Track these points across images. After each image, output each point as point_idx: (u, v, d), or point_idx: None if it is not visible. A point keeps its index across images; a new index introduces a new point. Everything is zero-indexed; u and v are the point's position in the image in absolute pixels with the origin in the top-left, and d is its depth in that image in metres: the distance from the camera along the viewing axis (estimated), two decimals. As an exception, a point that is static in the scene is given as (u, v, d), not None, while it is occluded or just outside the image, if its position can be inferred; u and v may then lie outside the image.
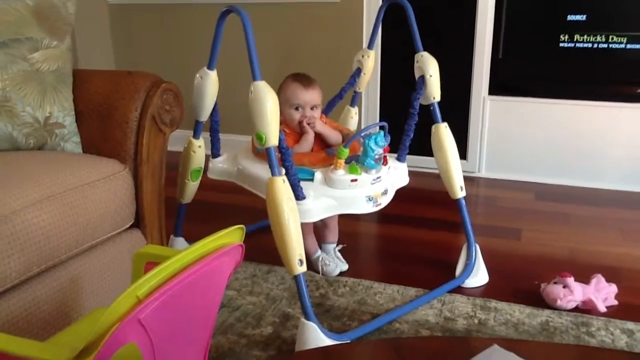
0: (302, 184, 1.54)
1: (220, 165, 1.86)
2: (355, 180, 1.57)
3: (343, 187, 1.57)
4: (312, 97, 1.75)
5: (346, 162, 1.58)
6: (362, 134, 1.60)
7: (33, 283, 1.26)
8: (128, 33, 3.43)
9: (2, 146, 1.51)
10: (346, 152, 1.56)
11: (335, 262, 1.90)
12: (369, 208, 1.61)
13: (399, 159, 1.84)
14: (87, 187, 1.37)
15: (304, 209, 1.53)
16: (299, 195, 1.52)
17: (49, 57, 1.57)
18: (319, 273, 1.88)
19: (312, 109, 1.76)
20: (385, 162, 1.64)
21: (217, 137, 1.87)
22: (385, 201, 1.66)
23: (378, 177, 1.61)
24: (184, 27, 3.27)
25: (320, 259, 1.89)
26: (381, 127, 1.59)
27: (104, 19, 3.43)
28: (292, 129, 1.78)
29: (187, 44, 3.27)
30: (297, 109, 1.75)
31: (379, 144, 1.56)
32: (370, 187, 1.60)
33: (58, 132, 1.56)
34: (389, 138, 1.60)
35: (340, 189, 1.58)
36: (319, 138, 1.78)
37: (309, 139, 1.74)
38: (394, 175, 1.75)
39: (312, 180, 1.59)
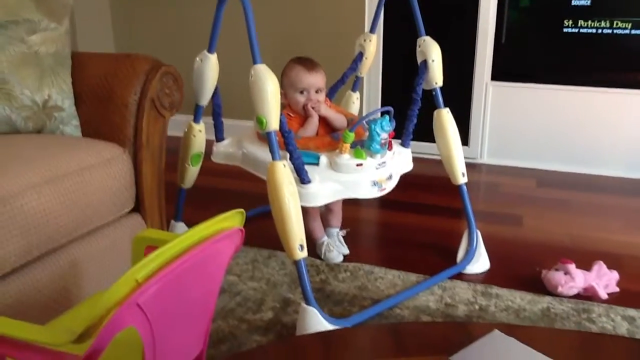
0: (308, 167, 1.53)
1: (224, 149, 1.85)
2: (361, 164, 1.57)
3: (348, 171, 1.57)
4: (316, 80, 1.74)
5: (351, 147, 1.58)
6: (367, 119, 1.60)
7: (33, 267, 1.25)
8: (128, 16, 3.40)
9: (0, 129, 1.50)
10: (352, 136, 1.56)
11: (338, 249, 1.90)
12: (374, 193, 1.60)
13: (403, 144, 1.83)
14: (87, 170, 1.36)
15: (309, 192, 1.52)
16: (304, 179, 1.51)
17: (47, 40, 1.55)
18: (321, 258, 1.88)
19: (316, 92, 1.75)
20: (390, 147, 1.64)
21: (220, 121, 1.86)
22: (390, 186, 1.65)
23: (383, 162, 1.61)
24: (184, 10, 3.24)
25: (325, 244, 1.89)
26: (386, 112, 1.58)
27: (104, 2, 3.40)
28: (297, 112, 1.77)
29: (187, 27, 3.25)
30: (301, 92, 1.74)
31: (384, 129, 1.55)
32: (375, 172, 1.59)
33: (57, 115, 1.54)
34: (394, 123, 1.59)
35: (345, 173, 1.57)
36: (324, 122, 1.77)
37: (314, 122, 1.74)
38: (399, 160, 1.74)
39: (317, 164, 1.58)
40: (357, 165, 1.57)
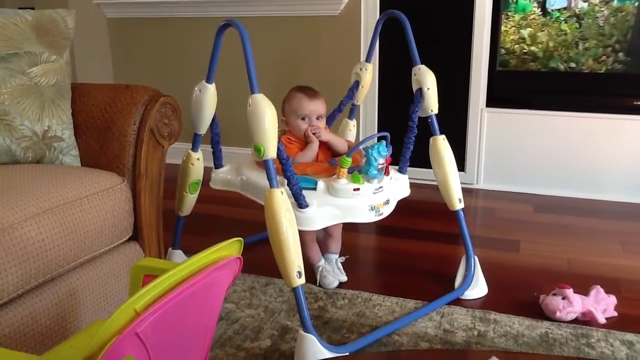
0: (305, 192, 1.55)
1: (222, 176, 1.87)
2: (358, 189, 1.58)
3: (346, 196, 1.58)
4: (317, 107, 1.79)
5: (349, 172, 1.60)
6: (364, 144, 1.62)
7: (31, 296, 1.25)
8: (126, 47, 3.45)
9: (0, 159, 1.51)
10: (349, 161, 1.58)
11: (334, 275, 1.90)
12: (371, 217, 1.62)
13: (400, 170, 1.85)
14: (85, 200, 1.37)
15: (307, 216, 1.53)
16: (301, 204, 1.53)
17: (48, 71, 1.57)
18: (316, 283, 1.88)
19: (317, 119, 1.79)
20: (387, 172, 1.65)
21: (219, 148, 1.88)
22: (387, 211, 1.67)
23: (380, 187, 1.62)
24: (182, 41, 3.29)
25: (320, 269, 1.89)
26: (383, 137, 1.60)
27: (103, 33, 3.45)
28: (298, 138, 1.80)
29: (185, 58, 3.29)
30: (303, 119, 1.78)
31: (381, 154, 1.58)
32: (373, 197, 1.61)
33: (56, 146, 1.56)
34: (391, 148, 1.61)
35: (343, 198, 1.59)
36: (325, 147, 1.81)
37: (314, 148, 1.77)
38: (396, 185, 1.76)
39: (315, 189, 1.60)
40: (355, 190, 1.58)
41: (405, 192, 1.83)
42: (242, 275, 1.92)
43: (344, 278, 1.93)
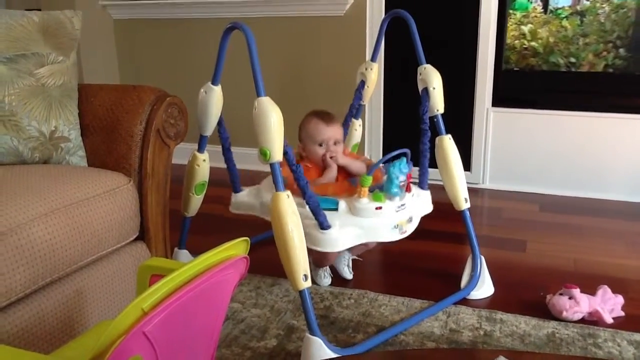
0: (327, 213, 1.53)
1: (241, 199, 1.86)
2: (380, 207, 1.57)
3: (368, 215, 1.57)
4: (334, 132, 1.77)
5: (370, 191, 1.58)
6: (384, 162, 1.60)
7: (38, 296, 1.26)
8: (133, 48, 3.46)
9: (8, 160, 1.52)
10: (369, 179, 1.56)
11: (342, 273, 1.91)
12: (395, 236, 1.61)
13: (420, 186, 1.83)
14: (92, 200, 1.38)
15: (330, 238, 1.52)
16: (323, 224, 1.51)
17: (54, 72, 1.58)
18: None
19: (334, 144, 1.77)
20: (408, 189, 1.64)
21: (235, 173, 1.87)
22: (410, 229, 1.65)
23: (402, 205, 1.61)
24: (188, 42, 3.30)
25: (325, 269, 1.90)
26: (403, 154, 1.59)
27: (109, 34, 3.46)
28: (315, 163, 1.79)
29: (191, 59, 3.30)
30: (320, 145, 1.77)
31: (402, 171, 1.56)
32: (395, 215, 1.60)
33: (63, 146, 1.57)
34: (411, 165, 1.60)
35: (365, 217, 1.57)
36: (343, 171, 1.79)
37: (332, 173, 1.75)
38: (418, 202, 1.74)
39: (336, 209, 1.58)
40: (377, 208, 1.57)
41: (428, 208, 1.81)
42: (248, 275, 1.91)
43: (349, 276, 1.94)
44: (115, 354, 0.74)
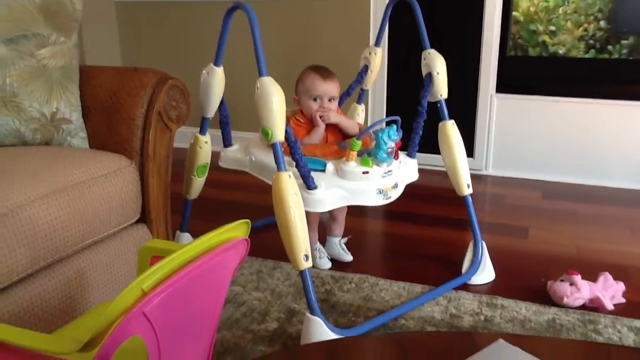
0: (314, 174, 1.54)
1: (232, 155, 1.87)
2: (367, 172, 1.58)
3: (354, 178, 1.58)
4: (330, 88, 1.77)
5: (358, 155, 1.59)
6: (374, 128, 1.61)
7: (39, 277, 1.26)
8: (134, 30, 3.44)
9: (9, 141, 1.52)
10: (359, 144, 1.57)
11: (341, 256, 1.92)
12: (380, 200, 1.61)
13: (409, 154, 1.85)
14: (93, 182, 1.37)
15: (315, 198, 1.53)
16: (310, 185, 1.53)
17: (56, 54, 1.57)
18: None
19: (329, 100, 1.77)
20: (396, 156, 1.65)
21: (228, 129, 1.88)
22: (395, 195, 1.66)
23: (389, 171, 1.62)
24: (190, 24, 3.28)
25: (316, 249, 1.91)
26: (393, 121, 1.60)
27: (111, 16, 3.44)
28: (308, 118, 1.79)
29: (193, 41, 3.28)
30: (315, 99, 1.77)
31: (391, 138, 1.57)
32: (381, 180, 1.61)
33: (65, 128, 1.56)
34: (401, 132, 1.60)
35: (351, 181, 1.58)
36: (336, 129, 1.80)
37: (320, 131, 1.76)
38: (405, 169, 1.75)
39: (323, 171, 1.60)
40: (364, 172, 1.58)
41: (413, 176, 1.83)
42: (250, 258, 1.93)
43: (349, 258, 1.95)
44: (115, 334, 0.74)
